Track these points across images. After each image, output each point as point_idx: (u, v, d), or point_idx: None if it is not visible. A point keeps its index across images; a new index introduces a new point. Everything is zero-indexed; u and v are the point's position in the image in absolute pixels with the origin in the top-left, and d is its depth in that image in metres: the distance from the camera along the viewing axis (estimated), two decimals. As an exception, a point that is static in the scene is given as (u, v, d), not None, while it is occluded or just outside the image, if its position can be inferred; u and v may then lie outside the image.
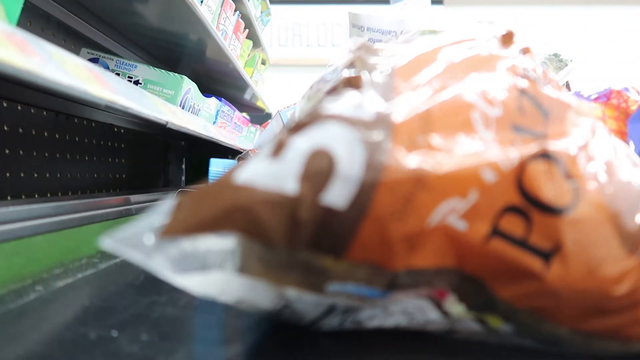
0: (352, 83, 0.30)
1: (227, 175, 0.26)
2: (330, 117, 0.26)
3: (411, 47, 0.38)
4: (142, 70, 0.84)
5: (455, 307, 0.28)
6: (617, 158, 0.32)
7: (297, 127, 0.27)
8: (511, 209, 0.26)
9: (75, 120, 0.90)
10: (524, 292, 0.27)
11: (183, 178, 1.59)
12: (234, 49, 1.31)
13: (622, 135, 0.47)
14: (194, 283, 0.26)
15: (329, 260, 0.26)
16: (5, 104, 0.71)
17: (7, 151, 0.71)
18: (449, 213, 0.26)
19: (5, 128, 0.71)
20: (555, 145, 0.28)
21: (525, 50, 0.36)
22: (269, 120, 2.36)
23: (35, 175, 0.78)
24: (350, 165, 0.25)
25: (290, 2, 4.77)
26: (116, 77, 0.56)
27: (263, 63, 1.95)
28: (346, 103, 0.27)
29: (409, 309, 0.29)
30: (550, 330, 0.28)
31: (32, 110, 0.77)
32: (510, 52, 0.36)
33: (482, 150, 0.27)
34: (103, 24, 0.96)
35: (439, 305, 0.28)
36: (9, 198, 0.72)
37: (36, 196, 0.78)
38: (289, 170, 0.24)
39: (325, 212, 0.25)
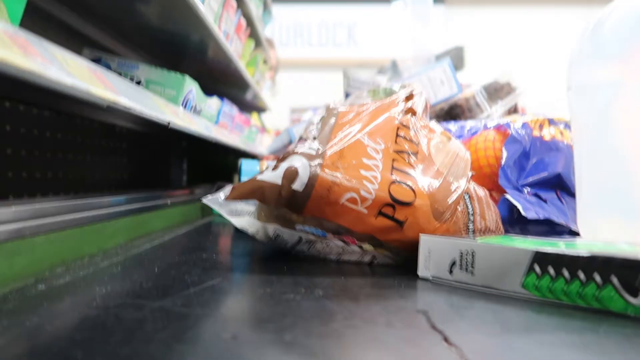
0: (305, 135, 0.66)
1: (255, 176, 0.58)
2: (297, 153, 0.59)
3: (352, 106, 0.71)
4: (144, 70, 0.84)
5: (366, 245, 0.59)
6: (446, 171, 0.62)
7: (283, 158, 0.60)
8: (387, 204, 0.56)
9: (77, 120, 0.90)
10: (393, 238, 0.57)
11: (185, 178, 1.59)
12: (236, 49, 1.31)
13: (500, 150, 0.75)
14: (236, 221, 0.62)
15: (295, 215, 0.58)
16: (7, 104, 0.72)
17: (9, 151, 0.72)
18: (351, 201, 0.55)
19: (8, 128, 0.71)
20: (409, 171, 0.59)
21: (408, 110, 0.68)
22: (279, 130, 2.50)
23: (37, 175, 0.78)
24: (303, 173, 0.56)
25: (291, 1, 4.77)
26: (118, 77, 0.56)
27: (265, 62, 1.95)
28: (305, 146, 0.61)
29: (339, 245, 0.60)
30: (405, 254, 0.58)
31: (34, 110, 0.78)
32: (399, 109, 0.67)
33: (370, 171, 0.58)
34: (105, 24, 0.96)
35: (356, 244, 0.59)
36: (11, 197, 0.72)
37: (38, 196, 0.79)
38: (279, 175, 0.56)
39: (293, 193, 0.55)
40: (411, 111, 0.68)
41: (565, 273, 0.41)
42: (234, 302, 0.43)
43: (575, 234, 0.69)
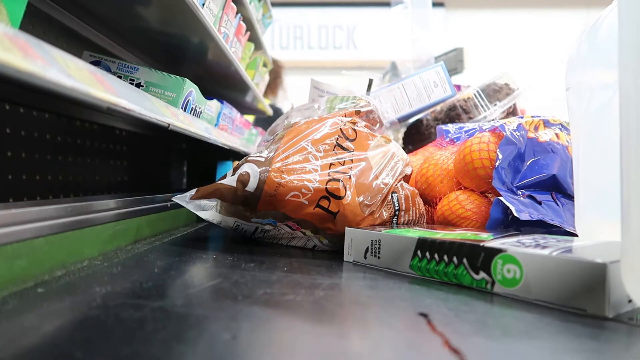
0: (265, 138, 0.88)
1: (218, 180, 0.74)
2: (250, 160, 0.74)
3: (306, 117, 0.86)
4: (144, 73, 0.84)
5: (307, 231, 0.73)
6: (380, 170, 0.76)
7: (239, 165, 0.74)
8: (323, 197, 0.69)
9: (77, 123, 0.91)
10: (328, 226, 0.70)
11: (184, 180, 1.59)
12: (236, 51, 1.31)
13: (494, 152, 0.74)
14: (203, 214, 0.73)
15: (249, 211, 0.72)
16: (7, 107, 0.72)
17: (9, 153, 0.72)
18: (295, 196, 0.69)
19: (7, 130, 0.71)
20: (343, 173, 0.72)
21: (350, 121, 0.82)
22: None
23: (37, 177, 0.78)
24: (254, 177, 0.70)
25: (291, 5, 4.78)
26: (118, 79, 0.56)
27: (264, 65, 1.95)
28: (258, 155, 0.75)
29: (288, 231, 0.74)
30: (338, 240, 0.71)
31: (34, 113, 0.78)
32: (342, 121, 0.81)
33: (310, 174, 0.71)
34: (105, 27, 0.96)
35: (299, 230, 0.73)
36: (10, 200, 0.72)
37: (38, 198, 0.79)
38: (234, 179, 0.72)
39: (247, 193, 0.70)
40: (352, 122, 0.82)
41: (436, 256, 0.53)
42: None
43: (571, 234, 0.68)
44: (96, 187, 0.98)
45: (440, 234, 0.57)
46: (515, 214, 0.66)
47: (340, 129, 0.79)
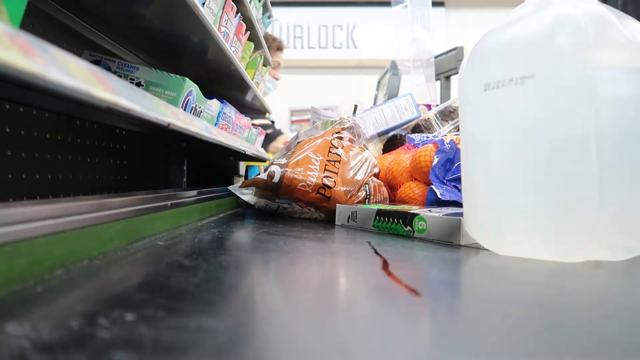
0: (286, 148, 1.27)
1: (255, 175, 1.19)
2: (275, 163, 1.15)
3: (309, 135, 1.26)
4: (144, 72, 0.84)
5: (311, 208, 1.12)
6: (357, 169, 1.15)
7: (268, 166, 1.16)
8: (321, 187, 1.08)
9: (77, 122, 0.90)
10: (324, 205, 1.10)
11: (184, 179, 1.59)
12: (236, 50, 1.31)
13: (432, 156, 1.10)
14: (244, 197, 1.19)
15: (274, 195, 1.14)
16: (7, 106, 0.72)
17: (9, 152, 0.72)
18: (302, 186, 1.08)
19: (7, 130, 0.71)
20: (333, 172, 1.12)
21: (338, 137, 1.20)
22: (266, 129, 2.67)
23: (37, 177, 0.78)
24: (277, 174, 1.11)
25: (291, 4, 4.77)
26: (118, 78, 0.56)
27: (264, 65, 1.95)
28: (280, 159, 1.17)
29: (299, 209, 1.14)
30: (331, 214, 1.09)
31: (34, 112, 0.78)
32: (332, 136, 1.19)
33: (312, 172, 1.10)
34: (105, 26, 0.96)
35: (306, 208, 1.13)
36: (10, 200, 0.72)
37: (38, 198, 0.79)
38: (265, 175, 1.13)
39: (273, 184, 1.12)
40: (339, 137, 1.19)
41: (386, 219, 0.87)
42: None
43: None
44: (96, 186, 0.98)
45: (390, 207, 0.90)
46: (439, 196, 1.01)
47: (331, 142, 1.15)
